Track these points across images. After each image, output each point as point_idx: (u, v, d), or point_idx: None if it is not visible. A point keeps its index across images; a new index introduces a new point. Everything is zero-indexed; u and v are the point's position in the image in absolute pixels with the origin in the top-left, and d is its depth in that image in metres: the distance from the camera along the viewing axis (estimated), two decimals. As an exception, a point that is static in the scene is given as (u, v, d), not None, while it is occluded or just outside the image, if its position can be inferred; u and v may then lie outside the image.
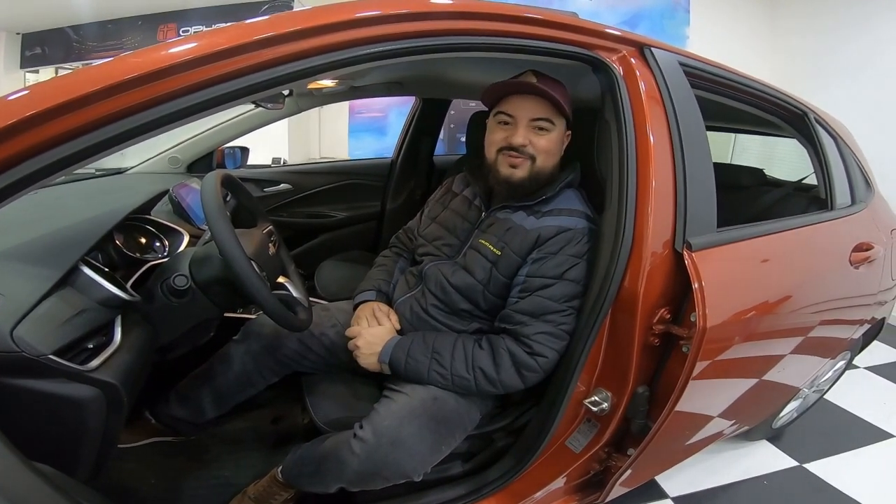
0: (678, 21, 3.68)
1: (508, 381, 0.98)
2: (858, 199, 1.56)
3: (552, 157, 1.05)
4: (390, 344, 1.03)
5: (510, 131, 1.03)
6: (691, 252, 0.94)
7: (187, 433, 1.26)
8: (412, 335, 1.05)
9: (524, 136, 1.01)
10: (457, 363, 0.99)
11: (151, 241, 1.23)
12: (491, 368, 0.98)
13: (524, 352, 0.98)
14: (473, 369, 0.98)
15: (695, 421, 1.17)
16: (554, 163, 1.07)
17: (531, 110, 1.01)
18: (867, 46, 3.55)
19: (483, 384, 0.99)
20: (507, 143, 1.02)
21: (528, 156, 1.02)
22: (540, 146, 1.02)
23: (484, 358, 0.99)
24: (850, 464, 1.66)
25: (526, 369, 0.98)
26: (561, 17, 0.94)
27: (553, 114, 1.02)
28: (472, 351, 1.00)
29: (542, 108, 1.01)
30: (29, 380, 0.64)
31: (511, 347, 0.98)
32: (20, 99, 0.52)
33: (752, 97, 1.33)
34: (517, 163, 1.03)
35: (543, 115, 1.01)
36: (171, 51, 0.59)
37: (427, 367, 0.99)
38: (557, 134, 1.05)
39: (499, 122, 1.05)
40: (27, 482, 0.49)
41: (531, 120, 1.01)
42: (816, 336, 1.33)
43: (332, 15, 0.68)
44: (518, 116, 1.02)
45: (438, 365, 0.99)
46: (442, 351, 1.00)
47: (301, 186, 2.07)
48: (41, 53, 5.75)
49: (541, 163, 1.03)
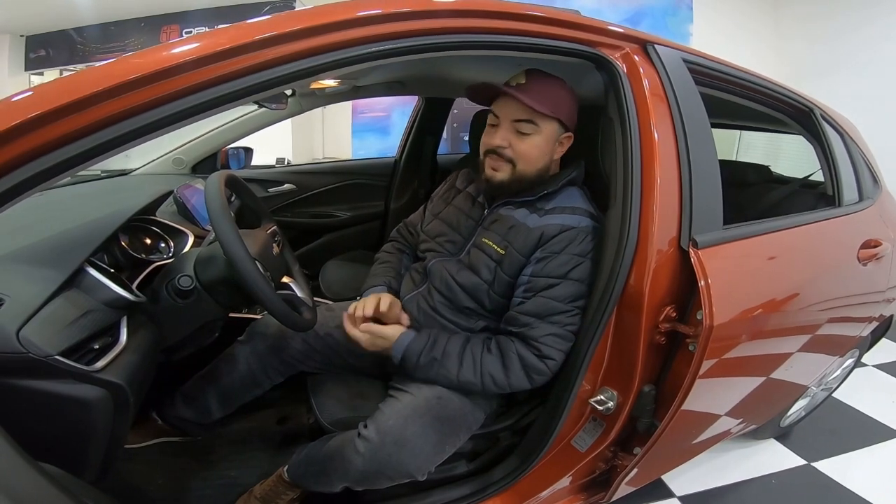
0: (681, 18, 3.66)
1: (517, 384, 0.98)
2: (866, 196, 1.55)
3: (535, 163, 1.02)
4: (404, 340, 1.01)
5: (493, 133, 1.02)
6: (697, 249, 0.93)
7: (193, 433, 1.27)
8: (425, 333, 1.03)
9: (504, 137, 1.00)
10: (465, 369, 0.98)
11: (156, 242, 1.24)
12: (500, 373, 0.97)
13: (534, 355, 0.97)
14: (482, 374, 0.98)
15: (701, 420, 1.16)
16: (539, 168, 1.04)
17: (513, 111, 0.99)
18: (872, 40, 3.53)
19: (491, 387, 0.98)
20: (488, 145, 1.02)
21: (507, 159, 1.01)
22: (520, 150, 1.00)
23: (493, 362, 0.98)
24: (859, 462, 1.64)
25: (535, 372, 0.97)
26: (563, 14, 0.93)
27: (536, 115, 0.99)
28: (480, 356, 0.99)
29: (522, 110, 0.98)
30: (35, 380, 0.65)
31: (521, 351, 0.97)
32: (25, 100, 0.52)
33: (757, 94, 1.31)
34: (497, 166, 1.02)
35: (524, 116, 0.99)
36: (174, 51, 0.59)
37: (436, 371, 0.99)
38: (542, 138, 1.01)
39: (489, 122, 1.05)
40: (34, 482, 0.49)
41: (513, 121, 1.00)
42: (824, 334, 1.32)
43: (333, 14, 0.68)
44: (502, 117, 1.01)
45: (446, 369, 0.98)
46: (451, 354, 0.99)
47: (305, 186, 2.07)
48: (45, 55, 5.79)
49: (521, 167, 1.01)
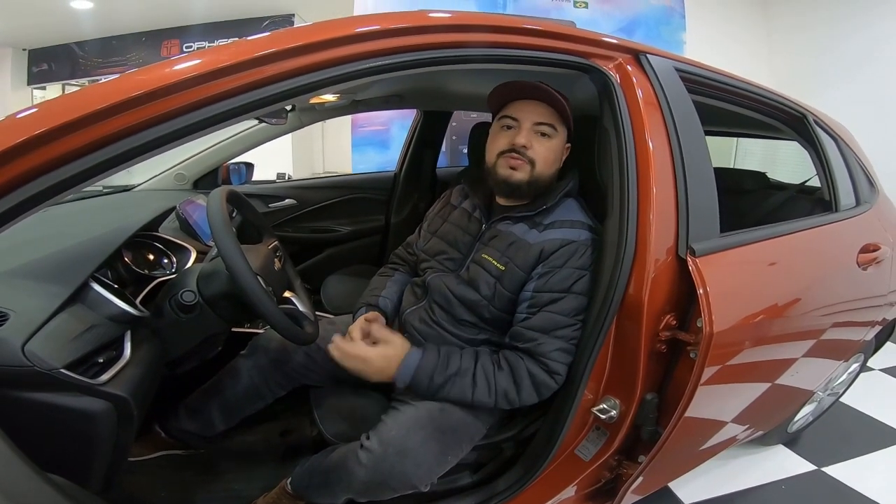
0: (674, 27, 3.70)
1: (527, 399, 0.98)
2: (863, 200, 1.55)
3: (551, 166, 1.05)
4: (410, 365, 0.97)
5: (513, 134, 1.03)
6: (695, 257, 0.93)
7: (197, 446, 1.26)
8: (430, 354, 0.99)
9: (527, 137, 1.01)
10: (479, 389, 0.97)
11: (159, 258, 1.25)
12: (513, 391, 0.97)
13: (542, 370, 0.97)
14: (497, 393, 0.97)
15: (706, 427, 1.16)
16: (552, 172, 1.06)
17: (535, 114, 1.02)
18: (863, 46, 3.57)
19: (503, 405, 0.99)
20: (510, 144, 1.02)
21: (528, 159, 1.02)
22: (540, 153, 1.02)
23: (506, 380, 0.98)
24: (870, 467, 1.63)
25: (545, 388, 0.98)
26: (557, 26, 0.95)
27: (556, 120, 1.03)
28: (493, 374, 0.98)
29: (546, 113, 1.02)
30: (41, 393, 0.66)
31: (531, 369, 0.97)
32: (29, 117, 0.53)
33: (750, 101, 1.33)
34: (517, 164, 1.02)
35: (547, 119, 1.02)
36: (176, 68, 0.60)
37: (448, 390, 0.97)
38: (558, 142, 1.05)
39: (502, 126, 1.05)
40: (41, 492, 0.50)
41: (535, 124, 1.02)
42: (826, 339, 1.31)
43: (332, 30, 0.70)
44: (522, 119, 1.02)
45: (460, 388, 0.97)
46: (465, 372, 0.98)
47: (306, 201, 2.08)
48: (48, 69, 5.85)
49: (540, 169, 1.03)
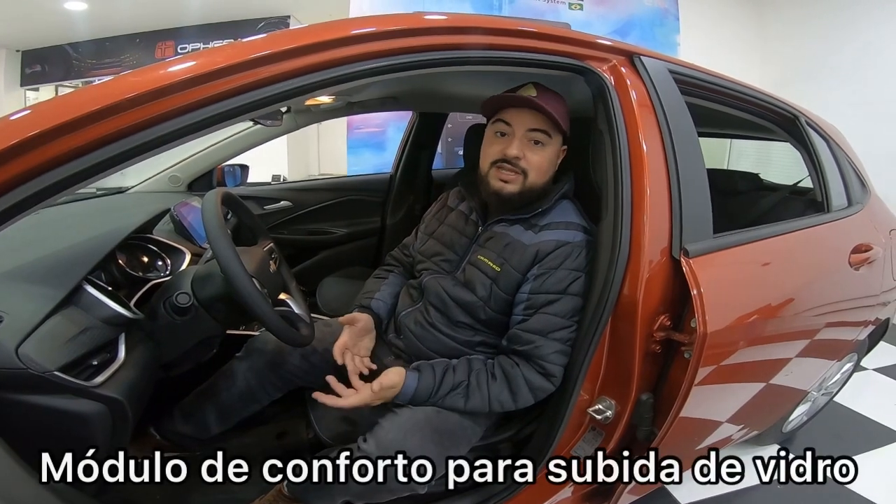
0: (668, 29, 3.73)
1: (524, 404, 0.99)
2: (855, 201, 1.57)
3: (544, 175, 1.04)
4: (407, 394, 0.98)
5: (506, 143, 1.02)
6: (688, 258, 0.94)
7: (192, 449, 1.25)
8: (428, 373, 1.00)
9: (519, 147, 1.00)
10: (472, 400, 0.98)
11: (154, 260, 1.24)
12: (509, 399, 0.98)
13: (539, 374, 0.98)
14: (491, 402, 0.98)
15: (701, 427, 1.17)
16: (546, 180, 1.06)
17: (529, 121, 1.01)
18: (855, 49, 3.62)
19: (498, 410, 1.00)
20: (502, 154, 1.01)
21: (520, 170, 1.01)
22: (533, 162, 1.01)
23: (501, 390, 0.98)
24: (865, 465, 1.62)
25: (542, 391, 0.99)
26: (552, 28, 0.95)
27: (550, 127, 1.01)
28: (487, 386, 0.99)
29: (539, 120, 1.00)
30: (35, 396, 0.65)
31: (527, 375, 0.98)
32: (23, 119, 0.53)
33: (743, 102, 1.34)
34: (509, 178, 1.01)
35: (541, 126, 1.00)
36: (171, 69, 0.60)
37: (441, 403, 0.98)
38: (552, 150, 1.04)
39: (496, 131, 1.04)
40: (36, 494, 0.50)
41: (528, 130, 1.01)
42: (820, 338, 1.33)
43: (328, 32, 0.70)
44: (515, 125, 1.01)
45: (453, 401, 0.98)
46: (458, 388, 0.99)
47: (301, 203, 2.07)
48: (41, 71, 5.78)
49: (532, 179, 1.02)
